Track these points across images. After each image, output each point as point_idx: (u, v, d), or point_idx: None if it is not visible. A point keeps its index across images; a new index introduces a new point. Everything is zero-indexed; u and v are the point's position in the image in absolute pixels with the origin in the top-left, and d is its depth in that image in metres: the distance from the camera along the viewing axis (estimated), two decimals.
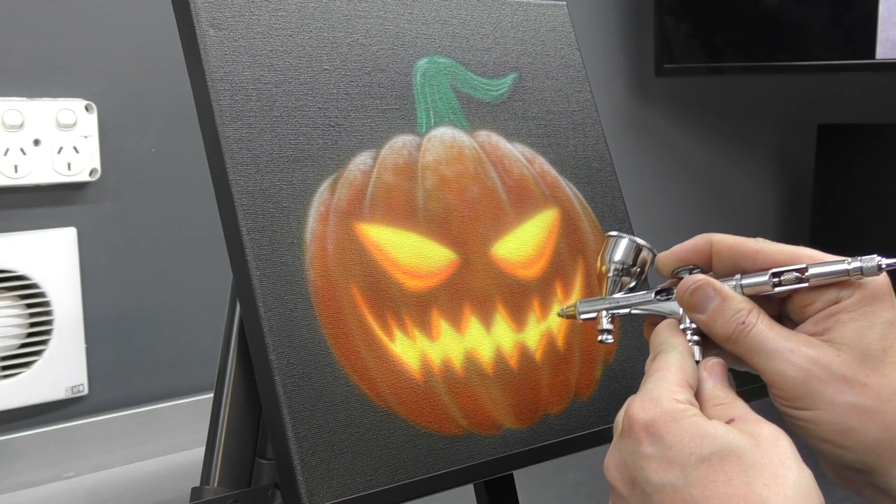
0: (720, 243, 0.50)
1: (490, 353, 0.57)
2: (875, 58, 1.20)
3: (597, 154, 0.67)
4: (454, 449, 0.54)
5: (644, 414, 0.43)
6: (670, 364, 0.46)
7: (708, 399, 0.45)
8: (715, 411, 0.44)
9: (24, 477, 0.94)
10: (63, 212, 0.98)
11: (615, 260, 0.52)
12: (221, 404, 0.55)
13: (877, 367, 0.45)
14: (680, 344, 0.48)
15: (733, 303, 0.47)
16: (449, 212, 0.58)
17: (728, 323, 0.47)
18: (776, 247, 0.48)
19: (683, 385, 0.45)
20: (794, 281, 0.47)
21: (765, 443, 0.41)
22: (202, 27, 0.53)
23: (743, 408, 0.44)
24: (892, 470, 0.46)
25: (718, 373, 0.47)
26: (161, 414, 1.03)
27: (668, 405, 0.43)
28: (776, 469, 0.40)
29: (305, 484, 0.48)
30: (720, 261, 0.50)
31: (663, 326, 0.49)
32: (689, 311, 0.49)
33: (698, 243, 0.50)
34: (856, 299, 0.46)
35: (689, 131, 1.53)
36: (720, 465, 0.40)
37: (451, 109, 0.61)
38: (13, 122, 0.92)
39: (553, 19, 0.69)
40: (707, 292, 0.48)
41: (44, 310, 0.95)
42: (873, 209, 1.48)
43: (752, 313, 0.47)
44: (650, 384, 0.45)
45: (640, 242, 0.52)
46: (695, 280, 0.48)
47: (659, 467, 0.41)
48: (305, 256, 0.52)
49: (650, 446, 0.42)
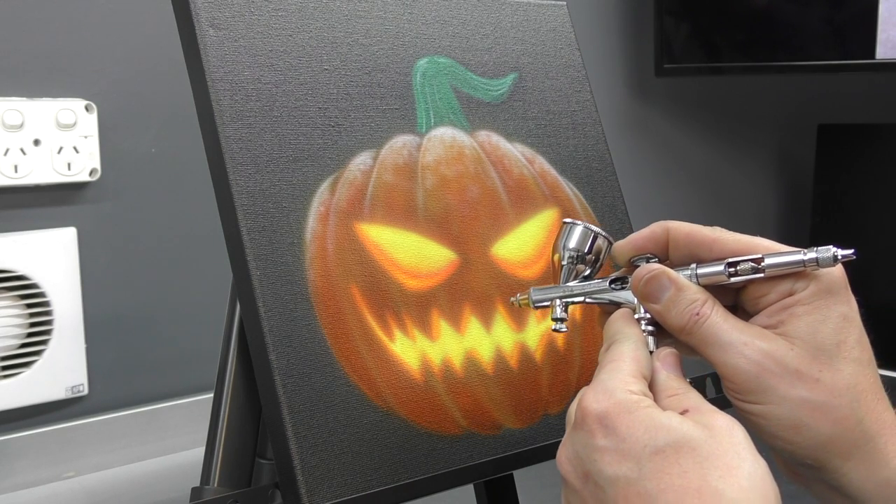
0: (677, 231, 0.49)
1: (490, 353, 0.57)
2: (875, 58, 1.20)
3: (597, 154, 0.67)
4: (454, 449, 0.54)
5: (597, 405, 0.42)
6: (624, 354, 0.45)
7: (662, 390, 0.45)
8: (669, 402, 0.44)
9: (24, 477, 0.94)
10: (63, 212, 0.98)
11: (569, 247, 0.51)
12: (221, 404, 0.55)
13: (830, 362, 0.45)
14: (634, 334, 0.47)
15: (688, 293, 0.47)
16: (449, 212, 0.58)
17: (682, 313, 0.46)
18: (733, 236, 0.48)
19: (637, 376, 0.44)
20: (749, 271, 0.46)
21: (719, 434, 0.40)
22: (202, 27, 0.53)
23: (697, 398, 0.44)
24: (842, 467, 0.45)
25: (672, 363, 0.46)
26: (161, 414, 1.02)
27: (622, 396, 0.42)
28: (731, 460, 0.39)
29: (305, 484, 0.48)
30: (677, 249, 0.49)
31: (617, 316, 0.49)
32: (643, 300, 0.48)
33: (655, 231, 0.50)
34: (811, 292, 0.46)
35: (689, 131, 1.53)
36: (675, 457, 0.40)
37: (451, 109, 0.61)
38: (13, 122, 0.92)
39: (553, 19, 0.69)
40: (662, 282, 0.47)
41: (44, 310, 0.95)
42: (873, 209, 1.48)
43: (707, 304, 0.46)
44: (604, 375, 0.44)
45: (596, 230, 0.51)
46: (649, 269, 0.48)
47: (612, 460, 0.41)
48: (305, 256, 0.52)
49: (603, 438, 0.41)
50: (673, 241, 0.49)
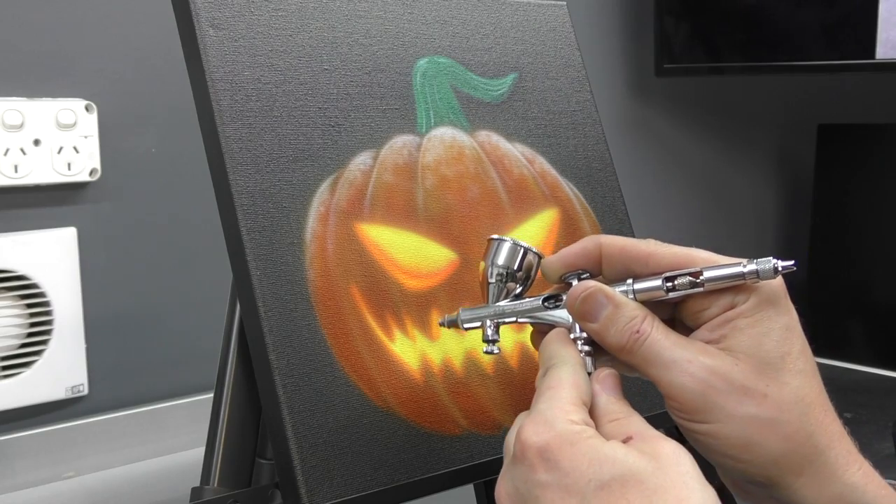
0: (610, 246, 0.47)
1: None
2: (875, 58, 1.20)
3: (597, 154, 0.67)
4: (454, 449, 0.54)
5: (538, 438, 0.40)
6: (563, 380, 0.43)
7: (603, 414, 0.43)
8: (610, 427, 0.42)
9: (24, 477, 0.94)
10: (63, 212, 0.97)
11: (498, 264, 0.49)
12: (221, 404, 0.55)
13: (776, 376, 0.44)
14: (571, 356, 0.45)
15: (626, 310, 0.45)
16: (449, 212, 0.58)
17: (622, 332, 0.45)
18: (668, 249, 0.46)
19: (578, 403, 0.42)
20: (688, 286, 0.44)
21: (666, 463, 0.39)
22: (202, 27, 0.53)
23: (640, 423, 0.42)
24: (793, 483, 0.44)
25: (612, 385, 0.44)
26: (161, 414, 1.02)
27: (563, 427, 0.40)
28: (679, 492, 0.38)
29: (305, 484, 0.48)
30: (610, 265, 0.47)
31: (553, 337, 0.47)
32: (579, 319, 0.46)
33: (586, 246, 0.48)
34: (752, 304, 0.44)
35: (688, 131, 1.53)
36: (621, 491, 0.38)
37: (451, 109, 0.61)
38: (13, 122, 0.92)
39: (553, 19, 0.69)
40: (599, 299, 0.45)
41: (44, 310, 0.95)
42: (873, 209, 1.48)
43: (647, 321, 0.45)
44: (542, 404, 0.42)
45: (524, 245, 0.49)
46: (585, 287, 0.46)
47: (556, 496, 0.39)
48: (305, 256, 0.52)
49: (545, 473, 0.40)
50: (606, 257, 0.47)
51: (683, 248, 0.46)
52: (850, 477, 0.45)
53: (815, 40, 1.29)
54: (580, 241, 0.48)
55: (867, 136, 1.49)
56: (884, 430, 1.08)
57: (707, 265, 0.45)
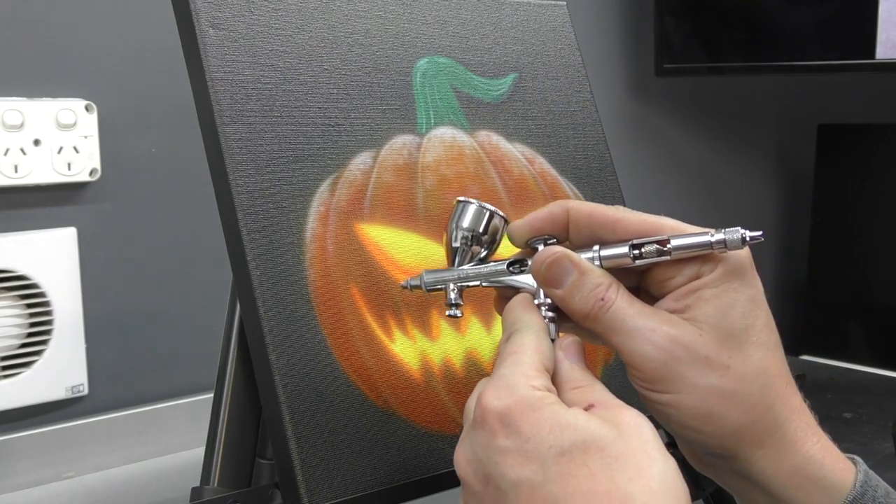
0: (577, 212, 0.46)
1: (490, 352, 0.57)
2: (875, 58, 1.20)
3: (597, 154, 0.67)
4: (454, 449, 0.54)
5: (498, 402, 0.40)
6: (525, 346, 0.43)
7: (565, 381, 0.43)
8: (573, 395, 0.42)
9: (24, 477, 0.94)
10: (63, 212, 0.97)
11: (463, 227, 0.49)
12: (221, 404, 0.55)
13: (739, 348, 0.43)
14: (535, 322, 0.44)
15: (592, 277, 0.44)
16: (449, 212, 0.58)
17: (586, 299, 0.44)
18: (637, 216, 0.46)
19: (540, 369, 0.42)
20: (655, 253, 0.44)
21: (627, 432, 0.38)
22: (202, 27, 0.53)
23: (602, 391, 0.42)
24: (753, 455, 0.44)
25: (575, 352, 0.44)
26: (161, 414, 1.02)
27: (525, 392, 0.40)
28: (641, 461, 0.37)
29: (305, 484, 0.48)
30: (578, 230, 0.47)
31: (516, 302, 0.46)
32: (544, 285, 0.46)
33: (554, 211, 0.47)
34: (718, 275, 0.44)
35: (688, 131, 1.53)
36: (582, 458, 0.37)
37: (451, 109, 0.61)
38: (13, 122, 0.92)
39: (553, 19, 0.69)
40: (564, 265, 0.45)
41: (44, 310, 0.95)
42: (873, 209, 1.48)
43: (612, 288, 0.44)
44: (504, 369, 0.42)
45: (490, 208, 0.49)
46: (552, 252, 0.45)
47: (515, 462, 0.38)
48: (305, 256, 0.52)
49: (505, 438, 0.39)
50: (574, 222, 0.47)
51: (652, 216, 0.46)
52: (809, 449, 0.45)
53: (816, 40, 1.29)
54: (548, 206, 0.48)
55: (867, 136, 1.49)
56: (884, 430, 1.08)
57: (675, 233, 0.44)
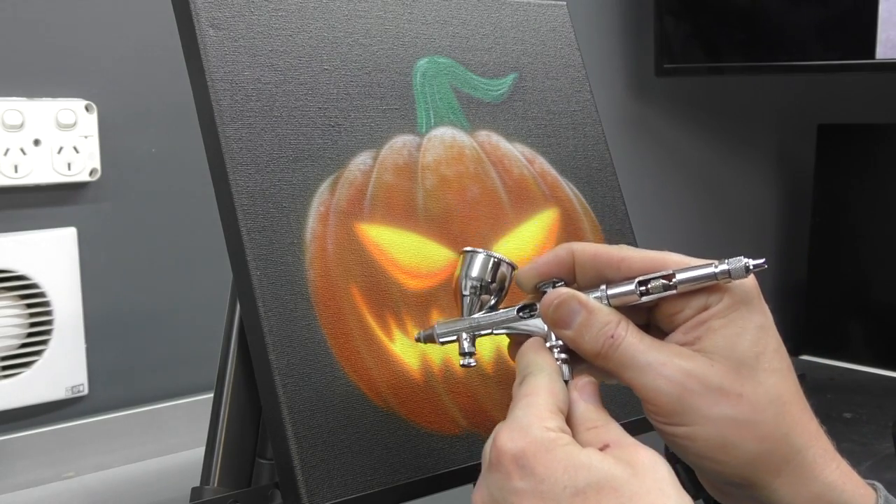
0: (582, 253, 0.47)
1: (490, 352, 0.57)
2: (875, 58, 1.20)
3: (597, 154, 0.67)
4: (454, 449, 0.54)
5: (513, 444, 0.40)
6: (539, 388, 0.43)
7: (580, 422, 0.43)
8: (588, 435, 0.42)
9: (24, 477, 0.94)
10: (63, 212, 0.97)
11: (472, 276, 0.50)
12: (221, 404, 0.55)
13: (752, 376, 0.44)
14: (547, 364, 0.45)
15: (600, 316, 0.45)
16: (449, 212, 0.58)
17: (596, 338, 0.45)
18: (640, 253, 0.46)
19: (554, 410, 0.42)
20: (661, 289, 0.45)
21: (642, 471, 0.39)
22: (202, 27, 0.53)
23: (618, 431, 0.42)
24: (772, 483, 0.44)
25: (590, 392, 0.44)
26: (161, 414, 1.02)
27: (539, 434, 0.40)
28: (655, 499, 0.38)
29: (305, 484, 0.48)
30: (583, 272, 0.47)
31: (528, 346, 0.47)
32: (554, 327, 0.46)
33: (559, 254, 0.48)
34: (725, 304, 0.44)
35: (688, 131, 1.53)
36: (596, 498, 0.38)
37: (451, 109, 0.61)
38: (13, 122, 0.92)
39: (553, 19, 0.69)
40: (572, 306, 0.45)
41: (44, 310, 0.95)
42: (873, 209, 1.48)
43: (621, 325, 0.45)
44: (518, 411, 0.42)
45: (497, 257, 0.50)
46: (558, 294, 0.46)
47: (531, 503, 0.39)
48: (305, 256, 0.52)
49: (520, 480, 0.39)
50: (579, 264, 0.47)
51: (655, 252, 0.46)
52: (828, 476, 0.45)
53: (815, 40, 1.29)
54: (552, 250, 0.48)
55: (867, 136, 1.49)
56: (884, 430, 1.08)
57: (679, 267, 0.45)
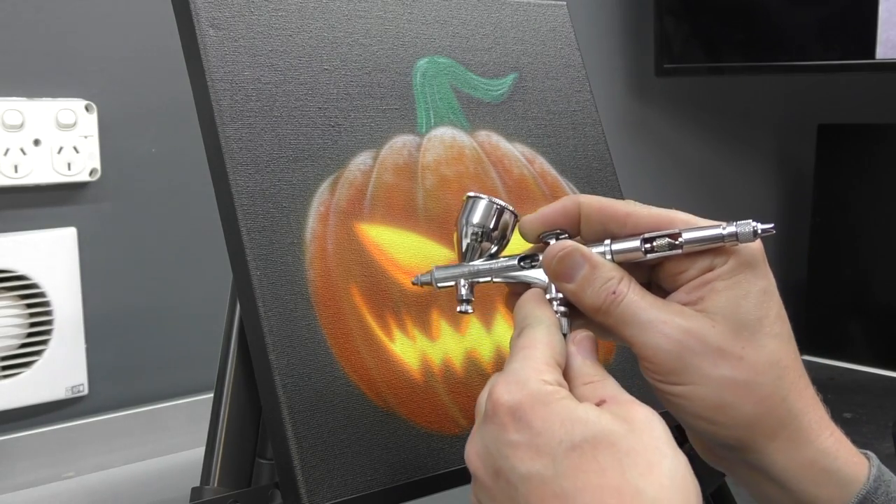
0: (589, 206, 0.47)
1: (490, 352, 0.57)
2: (875, 58, 1.20)
3: (597, 154, 0.67)
4: (454, 449, 0.54)
5: (509, 397, 0.40)
6: (537, 340, 0.43)
7: (577, 376, 0.43)
8: (585, 390, 0.42)
9: (24, 477, 0.94)
10: (63, 212, 0.97)
11: (473, 223, 0.49)
12: (221, 404, 0.55)
13: (752, 338, 0.43)
14: (547, 317, 0.44)
15: (603, 271, 0.45)
16: (449, 212, 0.58)
17: (598, 293, 0.44)
18: (647, 210, 0.46)
19: (552, 364, 0.42)
20: (666, 247, 0.44)
21: (639, 427, 0.38)
22: (202, 27, 0.53)
23: (614, 387, 0.42)
24: (766, 447, 0.44)
25: (587, 347, 0.44)
26: (161, 414, 1.02)
27: (536, 387, 0.40)
28: (651, 456, 0.37)
29: (305, 484, 0.48)
30: (589, 224, 0.47)
31: (528, 297, 0.46)
32: (555, 279, 0.46)
33: (566, 205, 0.47)
34: (730, 267, 0.44)
35: (688, 131, 1.53)
36: (592, 453, 0.37)
37: (451, 109, 0.61)
38: (13, 122, 0.92)
39: (553, 19, 0.69)
40: (576, 259, 0.45)
41: (44, 310, 0.95)
42: (873, 209, 1.48)
43: (623, 282, 0.44)
44: (516, 363, 0.42)
45: (501, 204, 0.49)
46: (562, 246, 0.45)
47: (526, 456, 0.38)
48: (305, 256, 0.52)
49: (516, 433, 0.39)
50: (585, 216, 0.47)
51: (663, 210, 0.46)
52: (823, 442, 0.45)
53: (816, 40, 1.29)
54: (560, 200, 0.48)
55: (867, 136, 1.49)
56: (884, 430, 1.08)
57: (686, 227, 0.45)
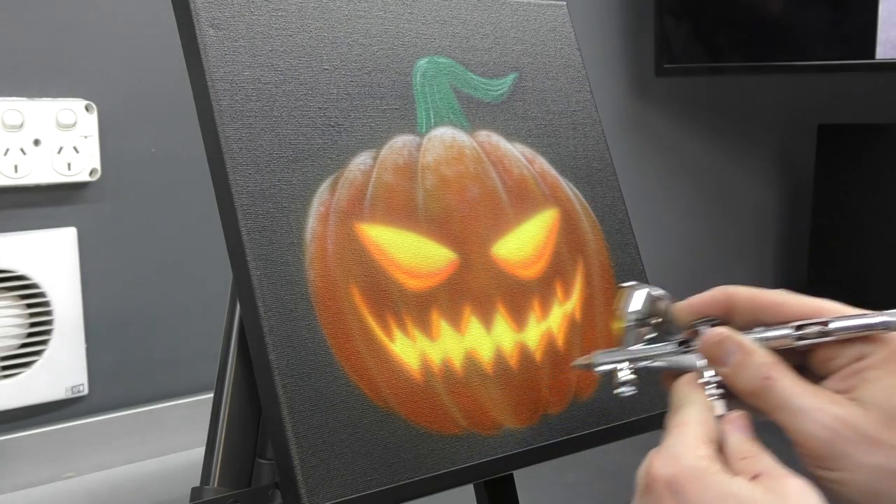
0: (739, 296, 0.49)
1: (490, 353, 0.57)
2: (875, 58, 1.20)
3: (597, 154, 0.67)
4: (454, 449, 0.54)
5: (665, 470, 0.41)
6: (690, 419, 0.45)
7: (733, 453, 0.44)
8: (741, 465, 0.43)
9: (24, 477, 0.94)
10: (63, 212, 0.98)
11: (631, 312, 0.52)
12: (221, 404, 0.55)
13: None
14: (699, 398, 0.47)
15: (756, 357, 0.46)
16: (449, 212, 0.58)
17: (751, 377, 0.46)
18: (797, 299, 0.48)
19: (705, 440, 0.44)
20: (817, 334, 0.46)
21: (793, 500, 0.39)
22: (202, 27, 0.53)
23: (769, 461, 0.43)
24: None
25: (742, 425, 0.45)
26: (161, 414, 1.03)
27: (690, 461, 0.42)
28: None
29: (305, 484, 0.48)
30: (739, 313, 0.49)
31: (683, 381, 0.48)
32: (712, 363, 0.48)
33: (716, 296, 0.50)
34: (882, 356, 0.45)
35: (689, 131, 1.53)
36: None
37: (451, 109, 0.61)
38: (13, 122, 0.92)
39: (553, 19, 0.69)
40: (730, 346, 0.47)
41: (44, 310, 0.95)
42: (873, 209, 1.48)
43: (776, 368, 0.46)
44: (671, 440, 0.44)
45: (657, 293, 0.52)
46: (718, 333, 0.48)
47: None
48: (305, 256, 0.52)
49: None
50: (736, 306, 0.49)
51: (812, 298, 0.48)
52: None
53: (815, 40, 1.29)
54: (710, 291, 0.50)
55: (867, 136, 1.49)
56: None
57: (835, 314, 0.46)
